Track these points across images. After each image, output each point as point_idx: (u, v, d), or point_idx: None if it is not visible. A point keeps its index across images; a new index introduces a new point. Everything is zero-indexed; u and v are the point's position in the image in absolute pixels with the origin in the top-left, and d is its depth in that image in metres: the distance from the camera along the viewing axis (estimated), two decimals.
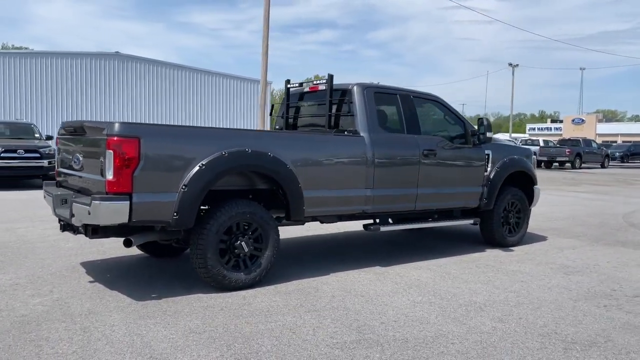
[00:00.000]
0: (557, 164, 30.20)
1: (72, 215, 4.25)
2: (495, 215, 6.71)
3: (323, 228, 7.61)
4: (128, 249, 4.75)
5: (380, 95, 5.80)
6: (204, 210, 4.72)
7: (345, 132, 5.58)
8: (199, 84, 32.10)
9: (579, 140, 31.98)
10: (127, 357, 3.23)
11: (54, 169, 5.69)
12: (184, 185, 4.28)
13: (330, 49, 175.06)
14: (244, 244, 4.65)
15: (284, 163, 4.82)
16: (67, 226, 4.79)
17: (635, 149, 40.16)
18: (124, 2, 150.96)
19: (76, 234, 4.77)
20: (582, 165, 30.27)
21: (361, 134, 5.49)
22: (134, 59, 30.01)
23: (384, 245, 6.92)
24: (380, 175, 5.52)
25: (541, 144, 32.26)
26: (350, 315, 4.08)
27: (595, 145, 33.89)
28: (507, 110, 69.91)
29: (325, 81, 5.84)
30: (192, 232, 4.52)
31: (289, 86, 6.50)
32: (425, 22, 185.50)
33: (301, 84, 6.40)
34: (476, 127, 6.40)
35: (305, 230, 7.36)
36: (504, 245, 6.85)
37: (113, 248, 6.05)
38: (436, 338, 3.66)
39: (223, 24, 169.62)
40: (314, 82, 6.25)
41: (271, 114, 7.07)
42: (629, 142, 47.56)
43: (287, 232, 7.18)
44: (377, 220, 5.83)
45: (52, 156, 12.69)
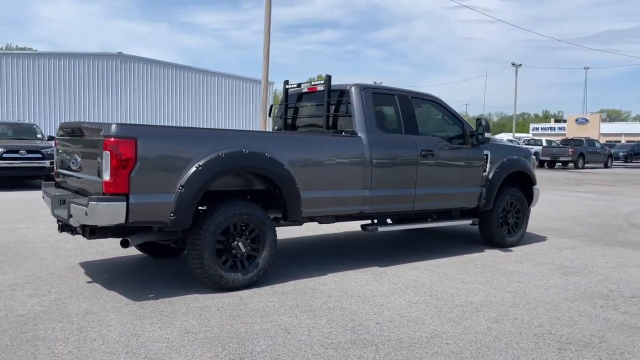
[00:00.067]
0: (560, 163, 30.12)
1: (69, 216, 4.28)
2: (494, 215, 6.71)
3: (323, 228, 7.62)
4: (127, 249, 4.78)
5: (378, 95, 5.81)
6: (202, 210, 4.73)
7: (343, 133, 5.59)
8: (202, 84, 32.19)
9: (582, 140, 31.86)
10: (122, 357, 3.25)
11: None
12: (181, 185, 4.30)
13: (334, 48, 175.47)
14: (241, 244, 4.66)
15: (281, 164, 4.83)
16: (66, 227, 4.82)
17: (639, 148, 39.98)
18: (127, 3, 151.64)
19: (74, 235, 4.80)
20: (585, 165, 30.16)
21: (359, 135, 5.49)
22: (137, 60, 30.11)
23: (383, 246, 6.93)
24: (378, 176, 5.52)
25: (544, 143, 32.18)
26: (346, 315, 4.10)
27: (599, 145, 33.76)
28: (511, 110, 69.70)
29: (324, 82, 5.85)
30: (189, 232, 4.53)
31: (287, 87, 6.52)
32: (428, 21, 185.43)
33: (299, 85, 6.41)
34: (474, 127, 6.40)
35: (304, 230, 7.38)
36: (503, 245, 6.85)
37: (112, 248, 6.08)
38: (431, 338, 3.67)
39: (226, 24, 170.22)
40: (312, 83, 6.26)
41: (270, 114, 7.08)
42: (633, 141, 47.37)
43: (286, 232, 7.20)
44: (375, 221, 5.83)
45: (54, 157, 12.72)
